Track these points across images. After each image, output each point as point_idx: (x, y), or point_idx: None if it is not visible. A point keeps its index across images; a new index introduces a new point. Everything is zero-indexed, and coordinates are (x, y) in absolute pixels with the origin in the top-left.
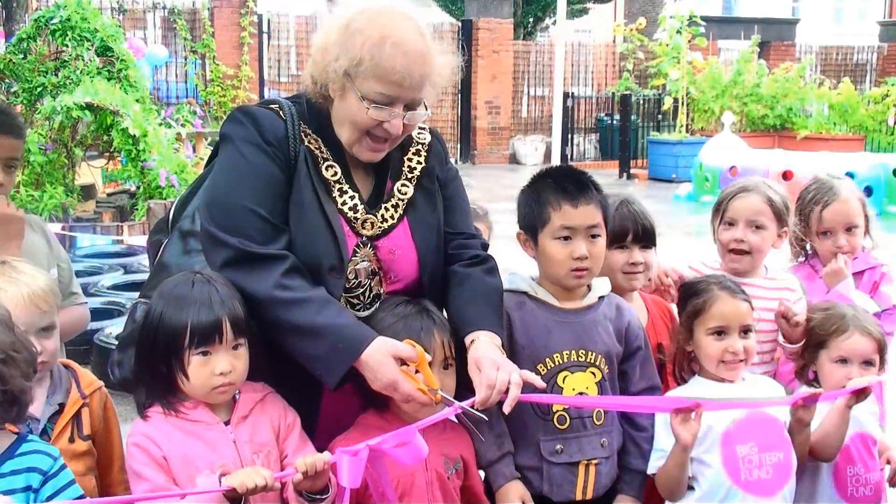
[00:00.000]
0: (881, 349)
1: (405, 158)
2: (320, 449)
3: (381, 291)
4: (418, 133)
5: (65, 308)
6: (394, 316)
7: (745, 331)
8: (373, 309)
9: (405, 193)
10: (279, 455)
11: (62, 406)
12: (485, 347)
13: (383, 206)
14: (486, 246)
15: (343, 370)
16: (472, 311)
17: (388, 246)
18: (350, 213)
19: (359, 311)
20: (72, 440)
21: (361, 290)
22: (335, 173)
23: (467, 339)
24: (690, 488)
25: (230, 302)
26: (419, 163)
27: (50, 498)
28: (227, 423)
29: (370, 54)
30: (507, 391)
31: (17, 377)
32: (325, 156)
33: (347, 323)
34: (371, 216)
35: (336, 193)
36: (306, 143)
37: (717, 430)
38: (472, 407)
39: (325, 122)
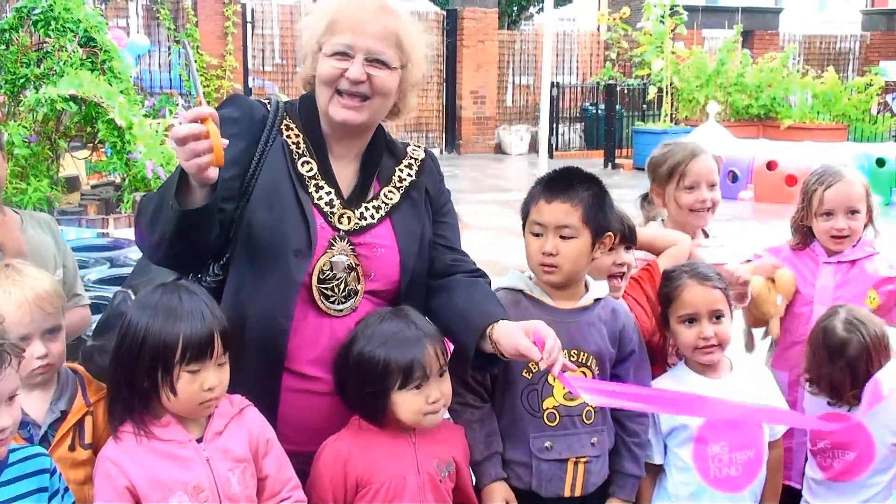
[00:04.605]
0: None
1: (396, 168)
2: (288, 453)
3: (359, 288)
4: (413, 149)
5: (68, 310)
6: (386, 328)
7: (717, 316)
8: (349, 303)
9: (390, 199)
10: (256, 471)
11: (65, 413)
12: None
13: (364, 204)
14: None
15: (178, 171)
16: (491, 307)
17: (372, 242)
18: (326, 208)
19: (333, 303)
20: (72, 448)
21: (336, 282)
22: (311, 169)
23: (491, 327)
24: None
25: (218, 314)
26: (409, 175)
27: (56, 493)
28: (200, 440)
29: (330, 12)
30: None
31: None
32: (301, 152)
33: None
34: (348, 211)
35: (312, 189)
36: (285, 136)
37: (693, 427)
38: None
39: (314, 114)
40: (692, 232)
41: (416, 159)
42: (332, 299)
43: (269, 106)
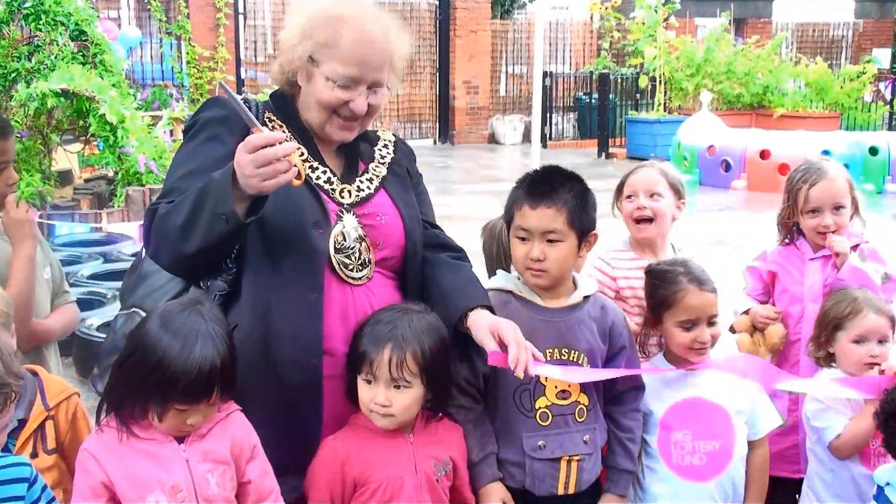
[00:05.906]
0: (893, 324)
1: (375, 149)
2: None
3: (370, 258)
4: (382, 132)
5: (58, 308)
6: (377, 315)
7: (712, 320)
8: (364, 271)
9: (379, 173)
10: (238, 475)
11: (22, 421)
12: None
13: (357, 178)
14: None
15: (227, 183)
16: (473, 291)
17: (374, 212)
18: (326, 185)
19: (351, 271)
20: (35, 455)
21: (351, 251)
22: (302, 153)
23: (471, 312)
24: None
25: (227, 355)
26: (388, 153)
27: (37, 501)
28: (181, 441)
29: (332, 40)
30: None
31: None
32: (289, 138)
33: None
34: (346, 185)
35: (308, 170)
36: (270, 126)
37: (658, 414)
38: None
39: (292, 111)
40: (650, 246)
41: (389, 140)
42: (349, 267)
43: (248, 100)
